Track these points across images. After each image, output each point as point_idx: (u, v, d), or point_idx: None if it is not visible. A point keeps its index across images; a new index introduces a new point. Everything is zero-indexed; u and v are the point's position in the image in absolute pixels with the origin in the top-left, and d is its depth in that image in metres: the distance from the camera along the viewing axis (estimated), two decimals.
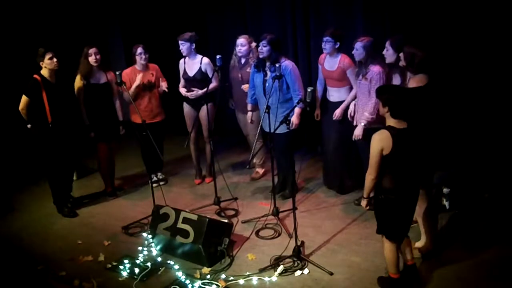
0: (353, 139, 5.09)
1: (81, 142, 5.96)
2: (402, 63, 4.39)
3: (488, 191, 5.43)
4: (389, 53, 4.83)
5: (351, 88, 5.41)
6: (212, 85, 5.79)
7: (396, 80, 4.90)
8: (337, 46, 5.34)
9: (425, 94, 4.18)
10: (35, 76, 5.31)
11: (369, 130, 4.91)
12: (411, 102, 3.87)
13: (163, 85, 6.03)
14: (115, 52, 8.31)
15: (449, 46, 5.57)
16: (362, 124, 5.02)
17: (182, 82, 6.05)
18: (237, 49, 5.92)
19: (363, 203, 4.01)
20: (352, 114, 5.30)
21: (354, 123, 5.25)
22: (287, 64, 5.29)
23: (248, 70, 5.83)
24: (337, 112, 5.42)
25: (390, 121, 3.78)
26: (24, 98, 5.33)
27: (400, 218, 3.91)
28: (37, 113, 5.36)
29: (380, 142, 3.73)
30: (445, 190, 5.24)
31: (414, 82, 4.25)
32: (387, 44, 4.84)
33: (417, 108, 4.03)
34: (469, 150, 5.61)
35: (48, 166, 5.62)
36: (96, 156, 6.04)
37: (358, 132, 5.07)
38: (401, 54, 4.37)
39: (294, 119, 5.28)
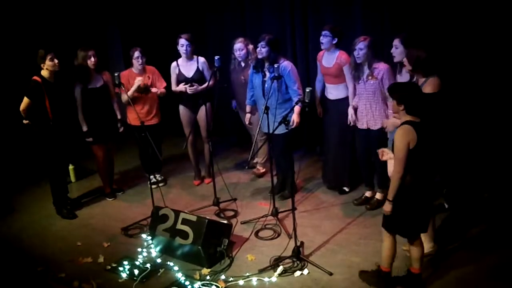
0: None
1: (79, 143, 5.94)
2: (407, 68, 4.33)
3: (488, 191, 5.43)
4: (398, 51, 4.77)
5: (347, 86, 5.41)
6: (211, 82, 5.76)
7: (403, 78, 4.85)
8: (334, 42, 5.33)
9: (441, 100, 4.15)
10: (36, 78, 5.32)
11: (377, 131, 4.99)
12: (424, 98, 3.86)
13: (161, 90, 6.02)
14: (114, 54, 8.31)
15: (448, 45, 5.57)
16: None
17: (175, 84, 6.02)
18: (236, 54, 5.94)
19: (389, 207, 3.83)
20: (353, 118, 5.28)
21: (364, 126, 5.22)
22: (286, 64, 5.29)
23: (250, 71, 5.84)
24: (350, 118, 5.33)
25: (406, 117, 3.76)
26: (25, 100, 5.35)
27: (417, 214, 3.87)
28: (39, 113, 5.37)
29: (406, 136, 3.67)
30: (444, 190, 5.24)
31: (429, 87, 4.16)
32: (397, 42, 4.79)
33: (433, 113, 4.02)
34: (468, 150, 5.60)
35: (50, 165, 5.62)
36: (95, 157, 6.04)
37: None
38: (404, 60, 4.33)
39: (295, 117, 5.27)
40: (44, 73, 5.35)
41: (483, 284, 4.14)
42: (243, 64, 6.04)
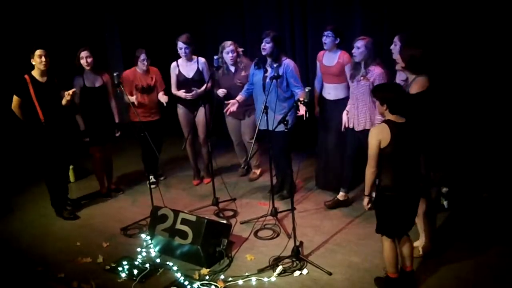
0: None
1: (76, 144, 5.94)
2: (400, 65, 4.34)
3: (487, 191, 5.43)
4: (397, 48, 4.81)
5: (348, 86, 5.40)
6: (210, 84, 5.75)
7: (402, 76, 4.85)
8: (337, 42, 5.35)
9: (428, 99, 4.16)
10: (25, 76, 5.31)
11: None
12: (407, 96, 3.92)
13: (163, 98, 5.94)
14: (114, 54, 8.31)
15: (446, 44, 5.57)
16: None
17: (175, 84, 6.02)
18: (228, 56, 5.85)
19: (365, 201, 3.99)
20: (346, 126, 5.27)
21: (351, 125, 5.21)
22: (288, 63, 5.30)
23: (243, 74, 5.83)
24: (345, 121, 5.34)
25: (389, 117, 3.83)
26: (15, 98, 5.34)
27: (400, 215, 3.91)
28: (30, 112, 5.35)
29: (377, 135, 3.77)
30: (444, 189, 5.24)
31: (416, 86, 4.17)
32: (396, 39, 4.84)
33: (419, 112, 4.03)
34: (468, 150, 5.61)
35: (44, 166, 5.60)
36: (92, 158, 6.04)
37: None
38: (397, 57, 4.33)
39: (302, 110, 5.04)
40: (35, 72, 5.34)
41: (483, 283, 4.13)
42: (232, 69, 5.96)
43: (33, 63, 5.30)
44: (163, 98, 5.94)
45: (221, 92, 5.93)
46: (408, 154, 3.81)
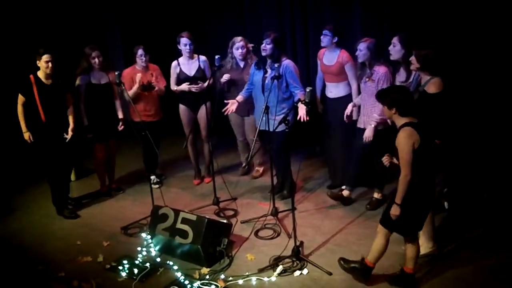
0: (363, 141, 5.07)
1: (78, 143, 5.94)
2: (415, 66, 4.34)
3: (487, 191, 5.43)
4: (396, 49, 4.83)
5: (349, 84, 5.42)
6: (211, 81, 5.78)
7: (401, 77, 4.89)
8: (335, 41, 5.36)
9: (446, 99, 4.17)
10: (31, 75, 5.33)
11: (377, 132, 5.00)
12: (413, 97, 3.90)
13: (160, 88, 6.00)
14: (115, 54, 8.31)
15: (447, 45, 5.57)
16: (372, 125, 5.01)
17: (175, 82, 6.01)
18: (237, 52, 5.89)
19: (397, 211, 3.79)
20: (348, 114, 5.28)
21: (362, 125, 5.23)
22: (288, 63, 5.30)
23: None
24: (347, 113, 5.32)
25: (402, 120, 3.76)
26: (20, 97, 5.37)
27: (417, 213, 3.90)
28: (31, 112, 5.37)
29: (409, 138, 3.67)
30: (444, 190, 5.24)
31: (434, 87, 4.19)
32: (395, 40, 4.85)
33: (436, 113, 4.03)
34: (468, 150, 5.60)
35: (46, 165, 5.60)
36: (94, 155, 6.04)
37: (368, 134, 5.04)
38: (412, 58, 4.34)
39: (303, 115, 5.00)
40: (40, 73, 5.36)
41: (483, 284, 4.13)
42: (241, 64, 6.00)
43: (39, 65, 5.32)
44: (158, 87, 5.94)
45: (225, 77, 5.91)
46: (429, 152, 3.76)
